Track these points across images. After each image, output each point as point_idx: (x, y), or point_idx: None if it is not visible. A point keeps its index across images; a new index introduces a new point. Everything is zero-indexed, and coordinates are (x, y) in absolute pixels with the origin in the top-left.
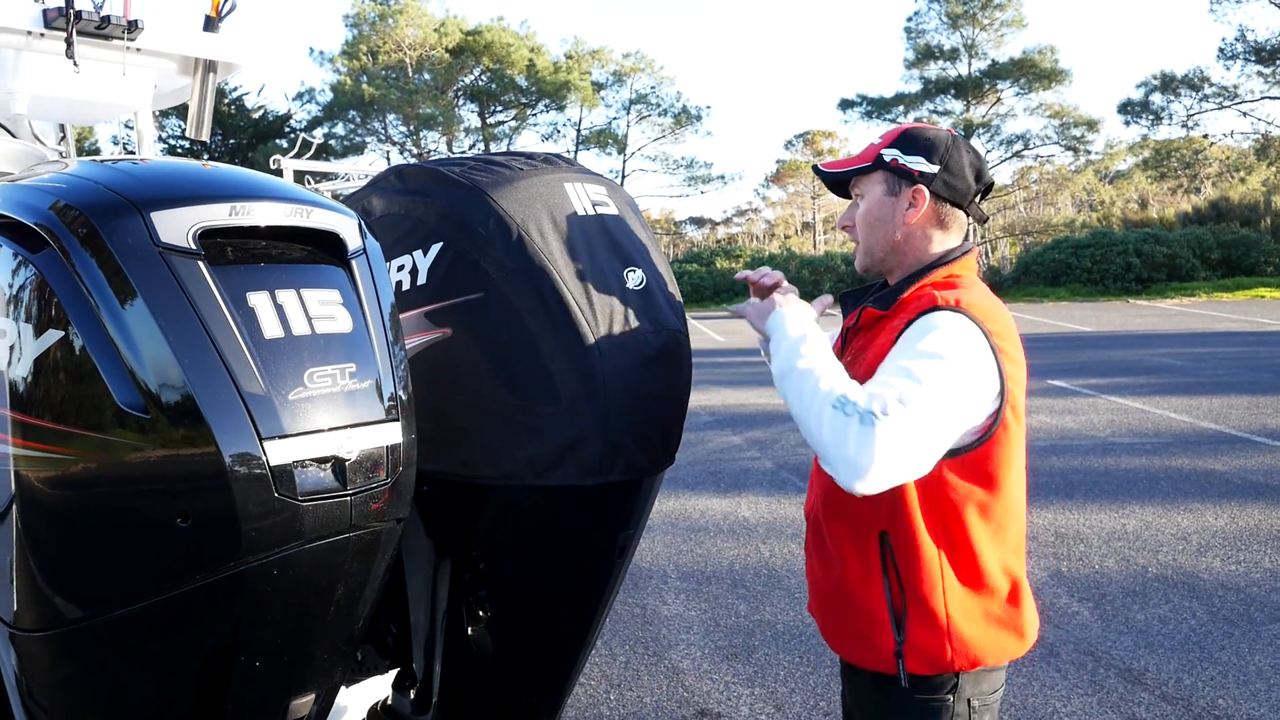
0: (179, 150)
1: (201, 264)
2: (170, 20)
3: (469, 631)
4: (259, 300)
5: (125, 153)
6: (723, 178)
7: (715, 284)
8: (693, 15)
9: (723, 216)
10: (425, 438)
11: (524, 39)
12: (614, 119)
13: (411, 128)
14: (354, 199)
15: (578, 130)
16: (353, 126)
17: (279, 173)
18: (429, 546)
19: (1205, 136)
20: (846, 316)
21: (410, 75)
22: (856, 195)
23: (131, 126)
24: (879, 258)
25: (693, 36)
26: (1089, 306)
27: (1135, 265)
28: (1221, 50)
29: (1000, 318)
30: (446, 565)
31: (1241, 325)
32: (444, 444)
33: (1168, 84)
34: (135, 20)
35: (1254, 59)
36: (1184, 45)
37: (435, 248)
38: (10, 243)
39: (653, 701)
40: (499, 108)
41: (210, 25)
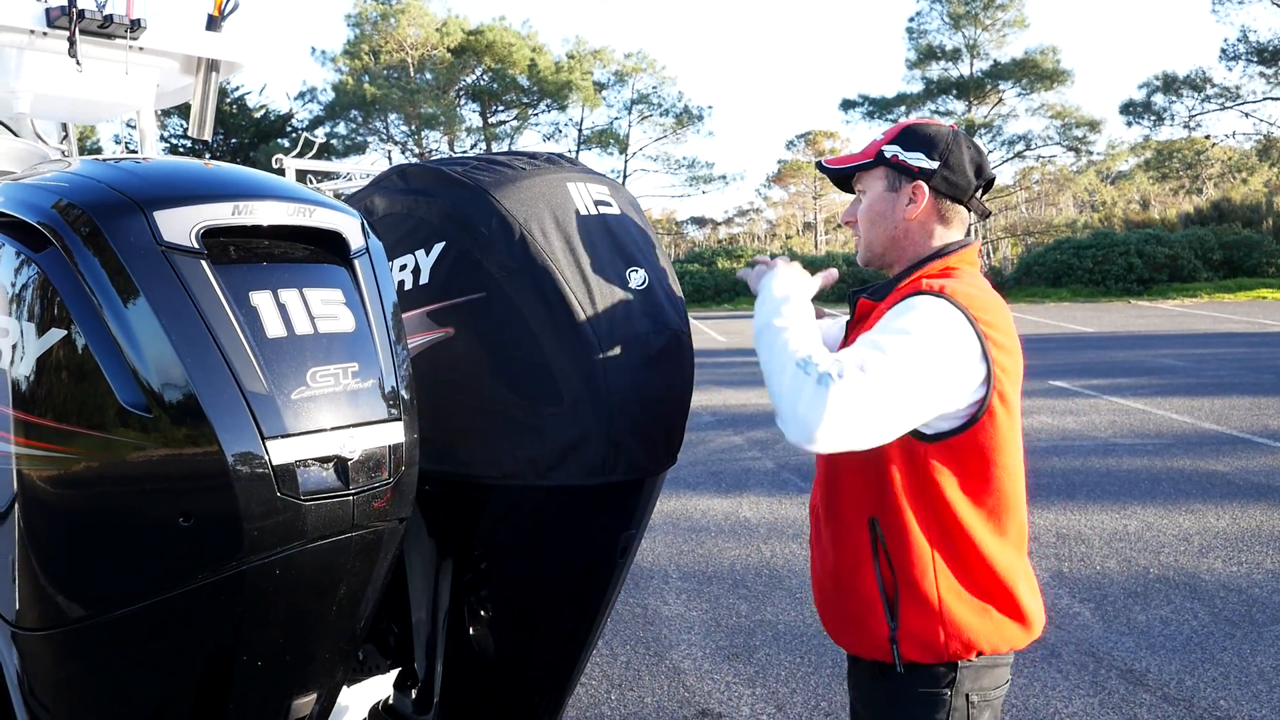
0: (181, 149)
1: (204, 263)
2: (173, 19)
3: (470, 631)
4: (262, 299)
5: (127, 152)
6: (724, 178)
7: (717, 284)
8: (694, 15)
9: (724, 216)
10: (427, 437)
11: (526, 39)
12: (615, 119)
13: (413, 127)
14: (356, 198)
15: (579, 130)
16: (354, 126)
17: (281, 172)
18: (431, 546)
19: (1207, 137)
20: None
21: (412, 75)
22: (859, 191)
23: (134, 125)
24: (879, 253)
25: (694, 36)
26: (1090, 307)
27: (1137, 266)
28: (1224, 51)
29: (991, 307)
30: (448, 565)
31: (1243, 326)
32: (446, 444)
33: (1170, 85)
34: (138, 19)
35: (1256, 60)
36: (1186, 46)
37: (438, 247)
38: (13, 241)
39: (654, 702)
40: (501, 107)
41: (213, 24)
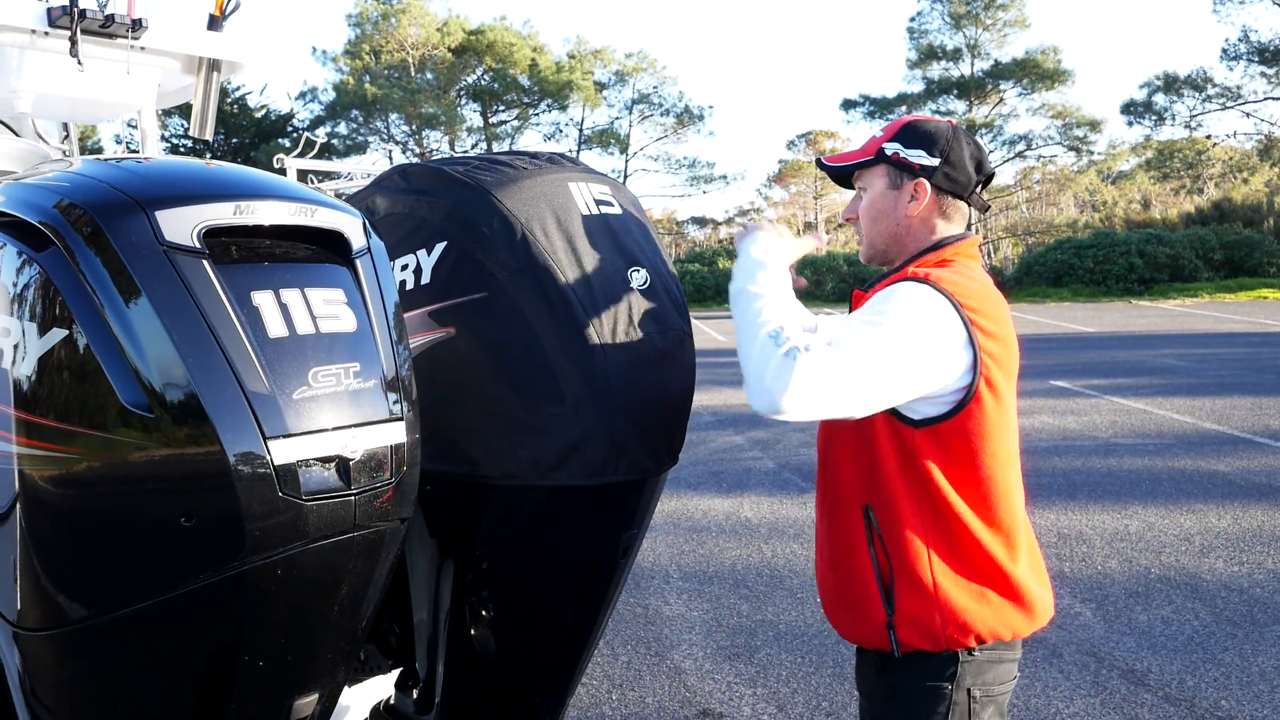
0: (182, 149)
1: (206, 263)
2: (174, 19)
3: (472, 631)
4: (263, 299)
5: (129, 152)
6: (725, 177)
7: (718, 284)
8: (695, 15)
9: (725, 216)
10: (429, 437)
11: (526, 39)
12: (616, 119)
13: (414, 127)
14: (358, 198)
15: (580, 130)
16: (355, 126)
17: (282, 172)
18: (432, 546)
19: (1208, 137)
20: None
21: (413, 75)
22: (859, 188)
23: (135, 125)
24: (882, 249)
25: (695, 36)
26: (1091, 307)
27: (1138, 266)
28: (1225, 51)
29: (982, 296)
30: (450, 565)
31: (1244, 326)
32: (448, 444)
33: (1171, 84)
34: (139, 19)
35: (1257, 60)
36: (1187, 46)
37: (439, 247)
38: (15, 241)
39: (655, 702)
40: (501, 107)
41: (214, 24)
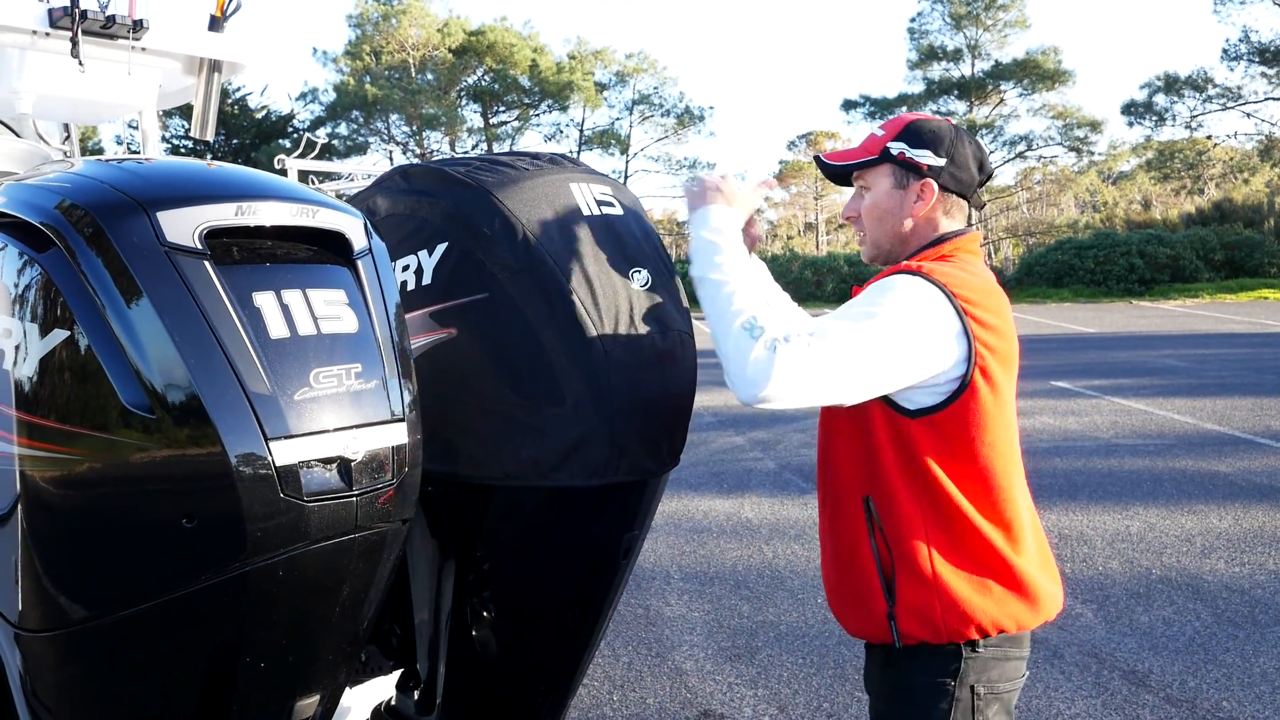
0: (183, 150)
1: (207, 264)
2: (175, 20)
3: (473, 632)
4: (264, 300)
5: (129, 152)
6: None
7: None
8: (696, 16)
9: None
10: (430, 438)
11: (527, 39)
12: (617, 119)
13: (414, 128)
14: (359, 199)
15: (580, 130)
16: (356, 127)
17: (283, 173)
18: (434, 547)
19: (1209, 138)
20: None
21: (413, 75)
22: (861, 187)
23: (135, 126)
24: (887, 249)
25: (696, 37)
26: (1092, 308)
27: (1138, 266)
28: (1225, 51)
29: (978, 288)
30: (451, 566)
31: (1245, 327)
32: (449, 444)
33: (1171, 85)
34: (140, 20)
35: (1258, 60)
36: (1188, 46)
37: (440, 248)
38: (16, 242)
39: (656, 703)
40: (502, 108)
41: (215, 25)
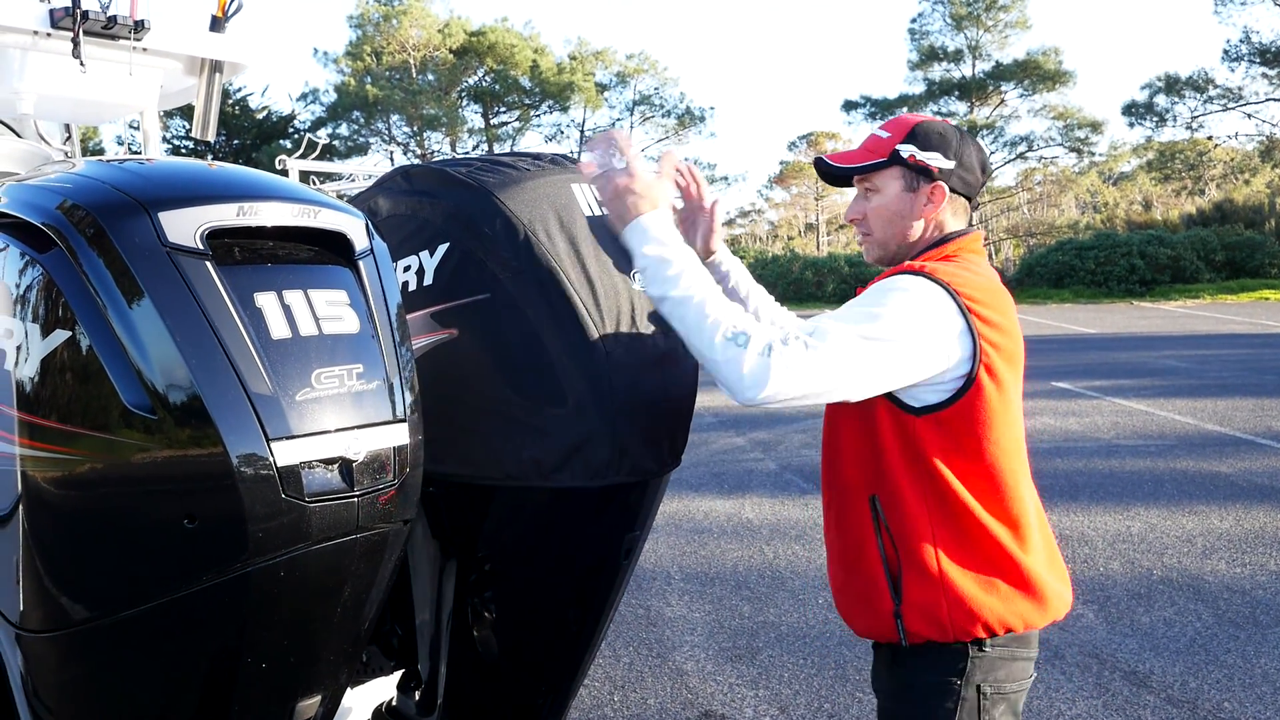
0: (183, 151)
1: (209, 264)
2: (176, 20)
3: (474, 633)
4: (266, 300)
5: (131, 153)
6: (726, 179)
7: None
8: (696, 16)
9: (726, 218)
10: (431, 439)
11: (528, 40)
12: (617, 120)
13: (415, 128)
14: (360, 199)
15: (581, 131)
16: (356, 127)
17: (284, 173)
18: (435, 548)
19: (1210, 138)
20: None
21: (414, 76)
22: (866, 189)
23: (137, 127)
24: (894, 251)
25: (696, 37)
26: (1093, 308)
27: (1139, 267)
28: (1226, 52)
29: (982, 287)
30: (452, 566)
31: (1246, 327)
32: (450, 445)
33: (1172, 86)
34: (142, 20)
35: (1258, 61)
36: (1188, 47)
37: (442, 248)
38: (17, 243)
39: (656, 703)
40: (502, 109)
41: (216, 26)
